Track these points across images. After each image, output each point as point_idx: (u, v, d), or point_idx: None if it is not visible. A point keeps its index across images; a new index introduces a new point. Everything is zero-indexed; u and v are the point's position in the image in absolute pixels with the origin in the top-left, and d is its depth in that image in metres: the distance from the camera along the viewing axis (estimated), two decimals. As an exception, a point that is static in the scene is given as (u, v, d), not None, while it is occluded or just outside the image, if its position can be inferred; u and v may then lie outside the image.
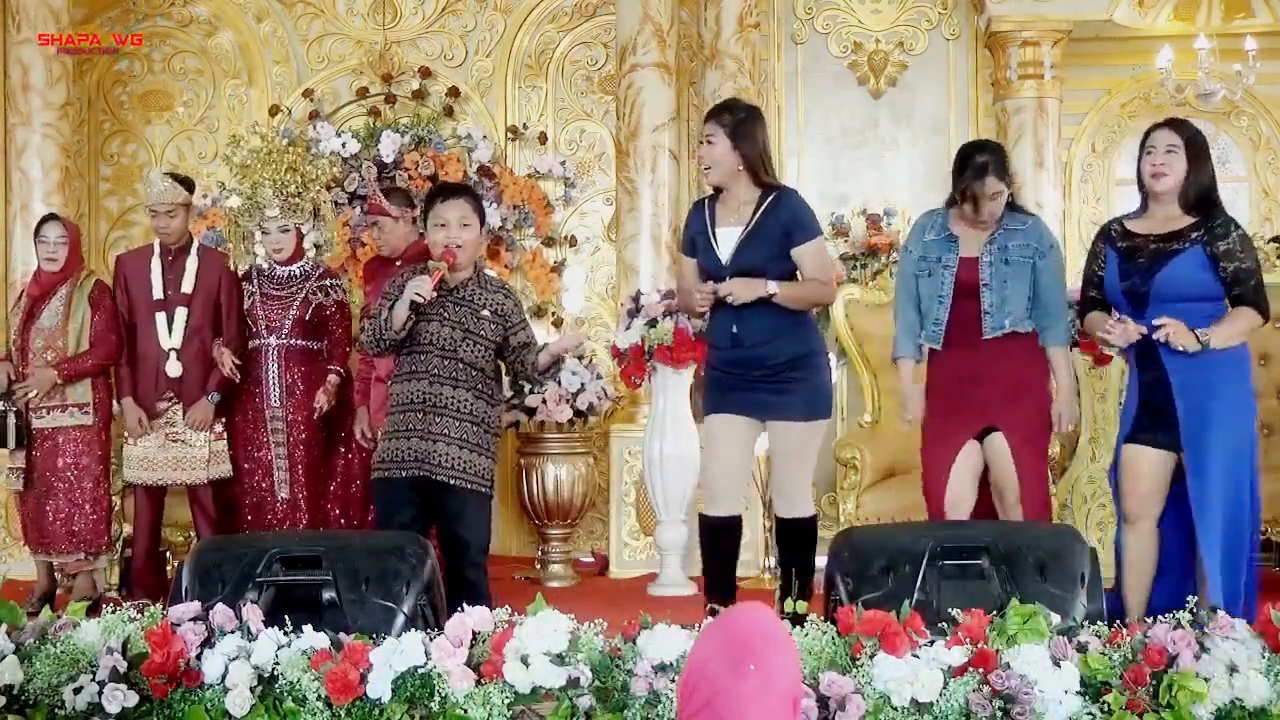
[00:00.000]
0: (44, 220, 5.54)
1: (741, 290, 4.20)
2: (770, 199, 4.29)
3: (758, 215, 4.27)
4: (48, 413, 5.33)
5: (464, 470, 4.31)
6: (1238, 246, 4.10)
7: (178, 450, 5.27)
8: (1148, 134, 4.27)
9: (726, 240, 4.29)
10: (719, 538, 4.38)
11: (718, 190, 4.37)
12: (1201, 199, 4.17)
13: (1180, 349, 4.03)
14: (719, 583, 4.36)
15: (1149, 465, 4.21)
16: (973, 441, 4.33)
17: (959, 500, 4.31)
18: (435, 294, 4.28)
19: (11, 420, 5.27)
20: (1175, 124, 4.26)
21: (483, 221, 4.51)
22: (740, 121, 4.29)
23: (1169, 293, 4.10)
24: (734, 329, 4.26)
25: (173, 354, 5.27)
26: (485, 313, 4.38)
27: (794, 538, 4.37)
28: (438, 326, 4.34)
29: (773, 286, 4.19)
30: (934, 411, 4.43)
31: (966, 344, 4.33)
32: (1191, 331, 4.03)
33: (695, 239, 4.39)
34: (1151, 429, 4.20)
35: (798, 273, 4.30)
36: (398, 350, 4.40)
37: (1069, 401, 4.44)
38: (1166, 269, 4.11)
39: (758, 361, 4.25)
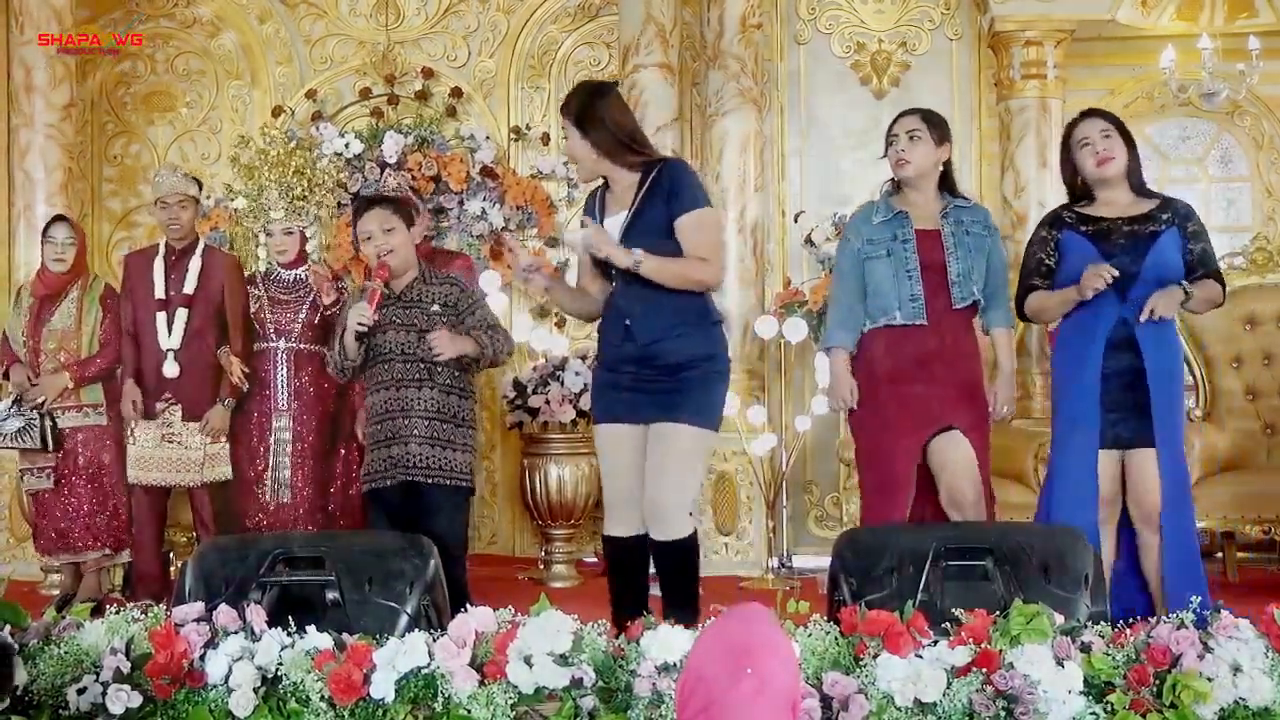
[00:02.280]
0: (52, 221, 5.57)
1: (605, 244, 3.79)
2: (650, 178, 3.84)
3: (638, 199, 3.84)
4: (63, 413, 5.39)
5: (439, 467, 4.37)
6: (1201, 228, 4.23)
7: (173, 451, 5.27)
8: (1073, 127, 4.30)
9: (613, 230, 3.88)
10: (622, 559, 3.95)
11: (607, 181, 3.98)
12: (1142, 182, 4.28)
13: (1170, 317, 4.10)
14: (626, 606, 3.81)
15: (1114, 468, 4.18)
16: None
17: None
18: (377, 317, 4.36)
19: (47, 423, 5.33)
20: (1099, 112, 4.33)
21: (410, 221, 4.58)
22: (584, 107, 3.87)
23: (1156, 274, 4.12)
24: (627, 323, 3.86)
25: (170, 355, 5.27)
26: (435, 308, 4.45)
27: (671, 562, 3.85)
28: (393, 334, 4.42)
29: (639, 254, 3.74)
30: (880, 395, 4.24)
31: (930, 318, 4.21)
32: (1171, 291, 4.08)
33: None
34: (1115, 425, 4.15)
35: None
36: (366, 369, 4.50)
37: (1008, 384, 4.31)
38: (1155, 250, 4.14)
39: (651, 360, 3.83)
